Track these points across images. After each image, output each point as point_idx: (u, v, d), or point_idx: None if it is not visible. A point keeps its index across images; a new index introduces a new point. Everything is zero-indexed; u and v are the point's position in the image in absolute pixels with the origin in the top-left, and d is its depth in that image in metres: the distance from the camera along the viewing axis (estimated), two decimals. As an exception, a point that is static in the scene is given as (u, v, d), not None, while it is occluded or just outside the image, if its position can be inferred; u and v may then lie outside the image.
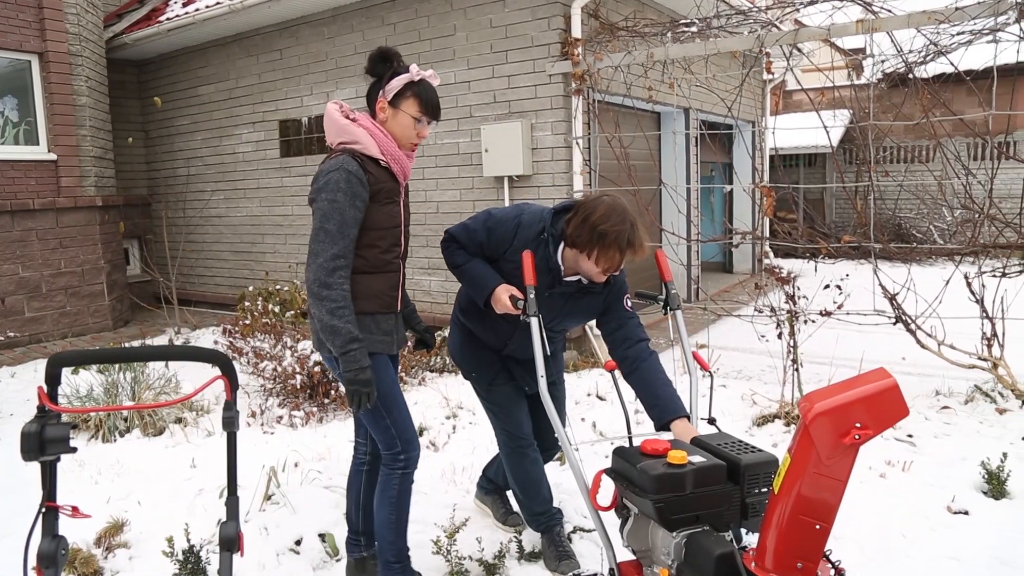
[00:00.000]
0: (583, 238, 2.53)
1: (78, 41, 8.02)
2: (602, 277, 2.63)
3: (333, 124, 2.62)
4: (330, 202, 2.45)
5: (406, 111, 2.62)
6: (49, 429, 1.67)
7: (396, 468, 2.69)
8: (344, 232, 2.46)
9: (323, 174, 2.51)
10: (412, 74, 2.62)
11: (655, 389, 2.59)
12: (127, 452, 4.35)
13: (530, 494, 3.10)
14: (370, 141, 2.57)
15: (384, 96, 2.62)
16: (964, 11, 4.62)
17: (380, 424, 2.65)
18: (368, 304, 2.61)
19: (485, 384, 3.05)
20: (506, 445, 3.08)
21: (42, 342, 7.73)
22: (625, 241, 2.49)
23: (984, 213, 4.78)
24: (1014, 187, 4.88)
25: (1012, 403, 4.56)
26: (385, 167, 2.62)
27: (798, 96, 15.15)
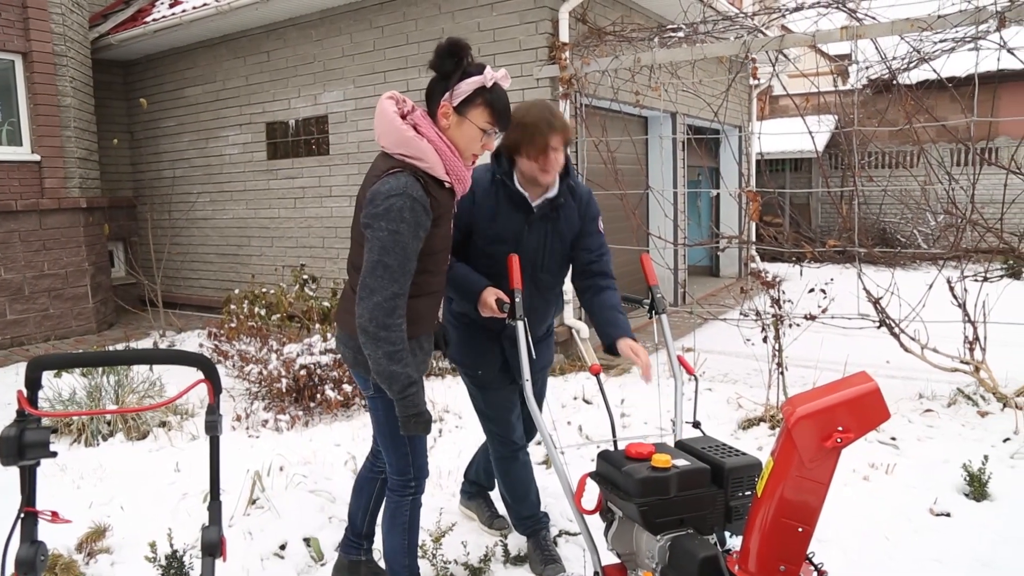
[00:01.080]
0: (513, 138, 2.61)
1: (63, 41, 7.97)
2: (547, 174, 2.66)
3: (392, 130, 2.27)
4: (392, 233, 2.17)
5: (474, 121, 2.30)
6: (28, 433, 1.65)
7: (407, 495, 2.59)
8: (405, 268, 2.21)
9: (382, 196, 2.19)
10: (485, 77, 2.27)
11: (608, 315, 2.77)
12: (110, 456, 4.32)
13: (519, 498, 3.10)
14: (436, 160, 2.26)
15: (450, 100, 2.28)
16: (946, 19, 4.67)
17: (400, 451, 2.53)
18: (415, 329, 2.41)
19: (485, 384, 2.98)
20: (498, 450, 3.06)
21: (24, 345, 7.66)
22: (546, 124, 2.56)
23: (966, 218, 4.83)
24: (996, 193, 4.93)
25: (993, 406, 4.60)
26: (448, 188, 2.35)
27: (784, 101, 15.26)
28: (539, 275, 2.84)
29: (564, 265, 2.95)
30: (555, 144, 2.60)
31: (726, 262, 11.70)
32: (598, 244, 2.91)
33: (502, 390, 2.99)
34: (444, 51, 2.26)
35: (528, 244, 2.77)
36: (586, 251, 2.88)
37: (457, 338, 2.96)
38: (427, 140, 2.25)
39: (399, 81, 7.27)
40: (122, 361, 1.90)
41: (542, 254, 2.82)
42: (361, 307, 2.21)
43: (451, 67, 2.27)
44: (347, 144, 7.85)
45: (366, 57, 7.46)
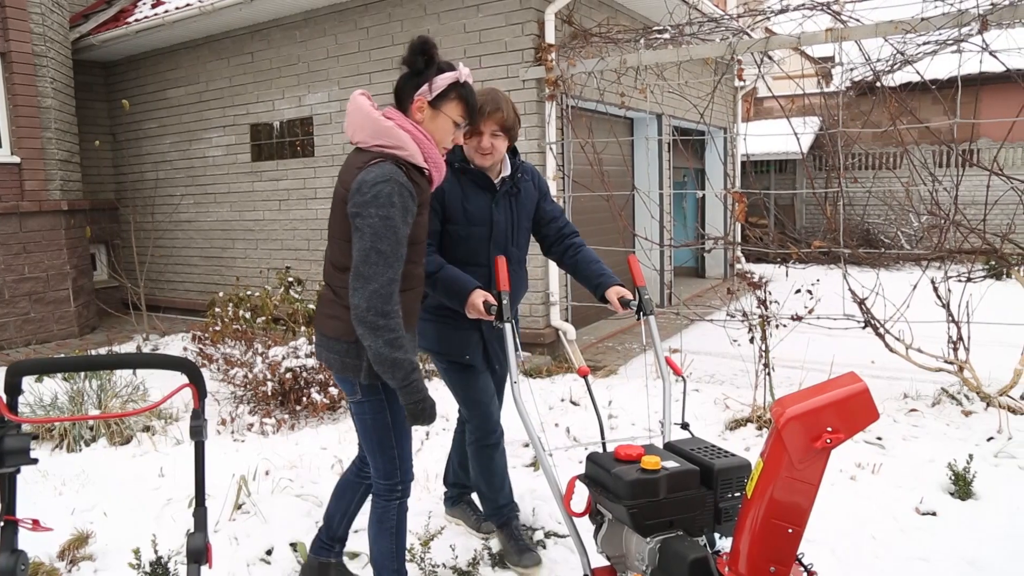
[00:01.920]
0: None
1: (43, 41, 7.88)
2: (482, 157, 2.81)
3: (369, 122, 2.31)
4: (383, 219, 2.18)
5: (448, 114, 2.37)
6: (8, 440, 1.62)
7: (393, 499, 2.57)
8: (398, 253, 2.22)
9: (369, 184, 2.21)
10: (460, 73, 2.37)
11: (595, 267, 2.97)
12: (93, 462, 4.26)
13: (495, 487, 3.14)
14: (415, 147, 2.32)
15: (427, 94, 2.34)
16: (930, 22, 4.71)
17: (387, 454, 2.51)
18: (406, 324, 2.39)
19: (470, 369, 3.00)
20: (479, 438, 3.08)
21: (4, 349, 7.56)
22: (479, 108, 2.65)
23: (950, 219, 4.87)
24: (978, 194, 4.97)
25: (977, 405, 4.63)
26: (427, 176, 2.41)
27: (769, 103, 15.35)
28: (510, 250, 2.96)
29: (528, 240, 3.11)
30: (485, 128, 2.74)
31: (712, 263, 11.75)
32: (559, 210, 3.15)
33: (484, 375, 3.05)
34: (416, 48, 2.32)
35: (498, 221, 2.90)
36: (552, 220, 3.09)
37: (435, 330, 2.98)
38: (406, 132, 2.31)
39: (384, 83, 7.24)
40: (105, 365, 1.87)
41: (511, 229, 2.96)
42: (357, 297, 2.19)
43: (423, 64, 2.34)
44: (332, 146, 7.81)
45: (351, 58, 7.43)
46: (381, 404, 2.46)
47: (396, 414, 2.46)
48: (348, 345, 2.36)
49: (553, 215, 3.10)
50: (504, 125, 2.76)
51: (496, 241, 2.89)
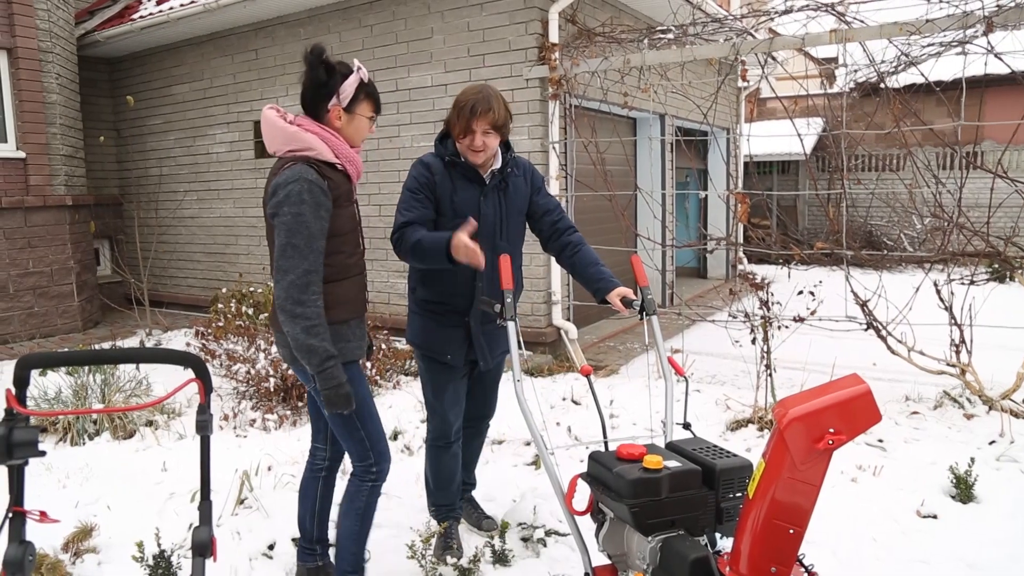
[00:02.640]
0: (449, 118, 2.90)
1: (48, 37, 7.89)
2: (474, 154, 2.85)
3: (278, 131, 2.48)
4: (294, 216, 2.34)
5: (362, 114, 2.56)
6: (17, 432, 1.63)
7: (367, 480, 2.65)
8: (312, 246, 2.36)
9: (281, 186, 2.38)
10: (362, 74, 2.54)
11: (594, 270, 2.95)
12: (96, 455, 4.28)
13: (442, 485, 3.22)
14: (323, 146, 2.47)
15: (340, 102, 2.50)
16: (934, 23, 4.71)
17: (355, 436, 2.60)
18: (342, 312, 2.55)
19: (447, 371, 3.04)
20: (436, 439, 3.16)
21: (8, 343, 7.58)
22: (470, 107, 2.78)
23: (953, 222, 4.87)
24: (982, 196, 4.97)
25: (979, 408, 4.64)
26: (341, 170, 2.55)
27: (772, 104, 15.34)
28: (498, 243, 2.97)
29: (520, 236, 3.13)
30: (477, 127, 2.81)
31: (714, 264, 11.74)
32: (554, 203, 3.15)
33: (457, 380, 3.08)
34: (315, 61, 2.47)
35: (486, 214, 2.93)
36: (547, 213, 3.10)
37: (421, 324, 3.05)
38: (312, 133, 2.46)
39: (388, 80, 7.25)
40: (112, 360, 1.89)
41: (499, 222, 2.98)
42: (277, 288, 2.36)
43: (324, 74, 2.48)
44: (336, 143, 7.81)
45: (355, 56, 7.43)
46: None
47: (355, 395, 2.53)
48: None
49: (546, 208, 3.11)
50: (495, 124, 2.82)
51: (483, 232, 2.91)
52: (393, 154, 7.36)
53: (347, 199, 2.55)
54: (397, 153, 7.33)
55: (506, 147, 3.01)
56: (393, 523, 3.42)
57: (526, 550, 3.21)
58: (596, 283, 2.91)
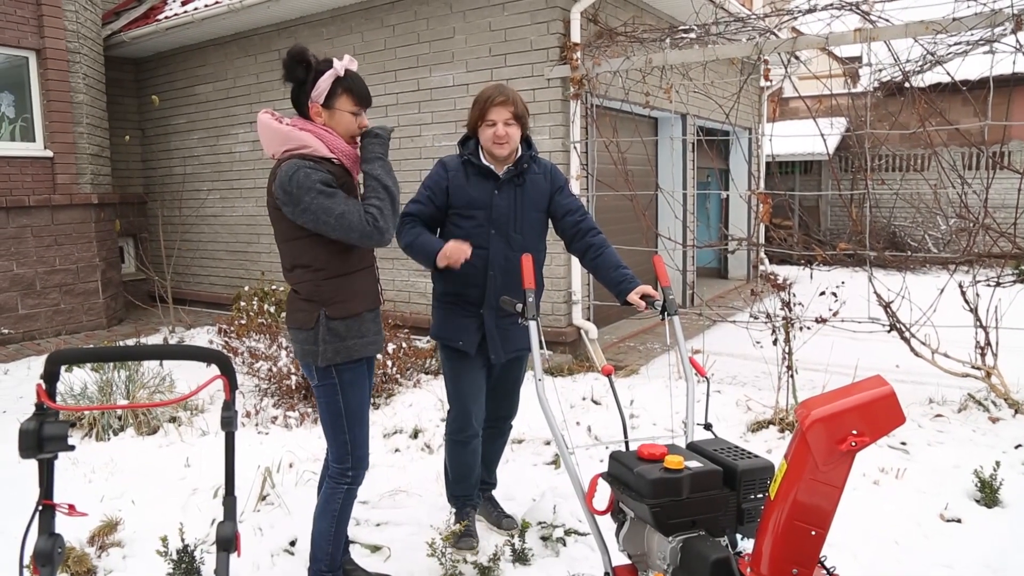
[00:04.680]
0: (471, 114, 2.99)
1: (76, 38, 8.01)
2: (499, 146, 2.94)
3: (273, 134, 2.52)
4: (316, 193, 2.39)
5: (342, 108, 2.56)
6: (48, 427, 1.66)
7: (343, 483, 2.68)
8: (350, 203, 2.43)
9: (287, 179, 2.41)
10: (337, 70, 2.53)
11: (616, 273, 2.96)
12: (121, 451, 4.34)
13: (460, 478, 3.29)
14: (318, 143, 2.50)
15: (315, 100, 2.53)
16: (961, 22, 4.65)
17: (339, 437, 2.65)
18: (357, 304, 2.60)
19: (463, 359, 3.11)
20: (455, 432, 3.22)
21: (36, 340, 7.70)
22: (486, 97, 2.92)
23: (979, 223, 4.81)
24: (1008, 197, 4.90)
25: (1005, 412, 4.58)
26: (339, 164, 2.57)
27: (795, 103, 15.21)
28: (512, 235, 3.04)
29: (539, 232, 3.17)
30: (494, 116, 2.91)
31: (735, 264, 11.67)
32: (576, 204, 3.18)
33: (475, 371, 3.14)
34: (291, 62, 2.53)
35: (499, 206, 3.01)
36: (568, 213, 3.13)
37: (441, 316, 3.14)
38: (306, 131, 2.51)
39: (409, 80, 7.28)
40: (140, 356, 1.91)
41: (513, 215, 3.04)
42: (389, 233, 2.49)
43: (303, 73, 2.54)
44: (358, 143, 7.85)
45: (377, 56, 7.47)
46: (335, 389, 2.60)
47: (349, 401, 2.60)
48: (307, 333, 2.56)
49: (568, 208, 3.14)
50: (516, 113, 2.92)
51: (496, 223, 3.01)
52: (415, 153, 7.38)
53: (349, 192, 2.58)
54: (419, 153, 7.36)
55: (527, 144, 3.08)
56: (414, 520, 3.44)
57: (546, 549, 3.22)
58: (618, 285, 2.92)
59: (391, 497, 3.74)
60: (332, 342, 2.55)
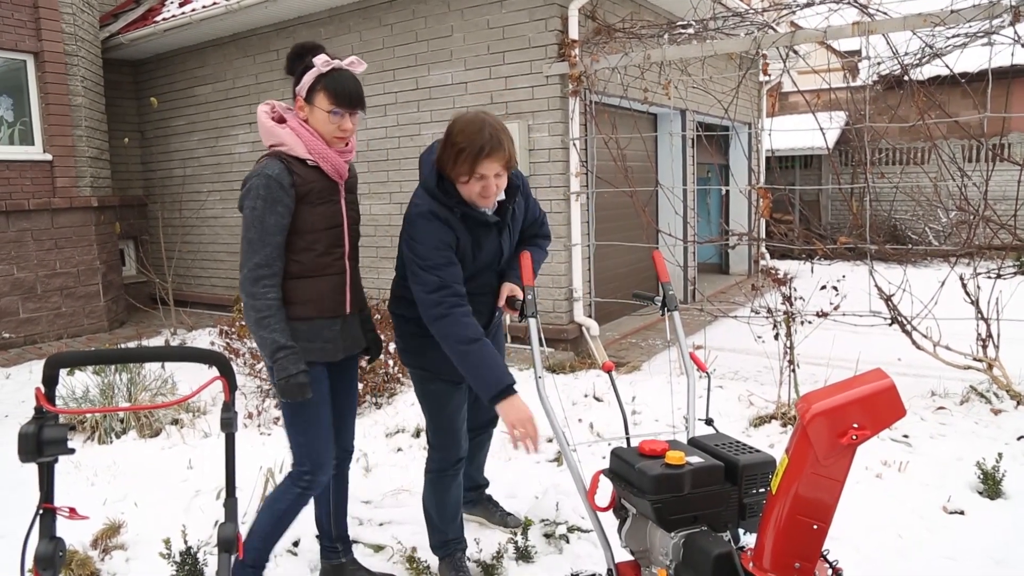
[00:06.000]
0: (445, 158, 2.49)
1: (74, 41, 8.01)
2: (487, 200, 2.52)
3: (262, 127, 2.56)
4: (251, 210, 2.42)
5: (319, 106, 2.51)
6: (47, 430, 1.66)
7: (297, 485, 2.62)
8: (265, 240, 2.42)
9: (246, 181, 2.47)
10: (319, 66, 2.48)
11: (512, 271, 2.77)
12: (123, 454, 4.34)
13: (449, 518, 2.96)
14: (295, 141, 2.50)
15: (300, 94, 2.54)
16: (959, 14, 4.63)
17: (296, 439, 2.62)
18: (306, 309, 2.55)
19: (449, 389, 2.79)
20: (440, 468, 2.89)
21: (37, 343, 7.71)
22: (477, 148, 2.40)
23: (979, 215, 4.80)
24: (1008, 189, 4.90)
25: (1007, 404, 4.57)
26: (314, 166, 2.54)
27: (794, 98, 15.19)
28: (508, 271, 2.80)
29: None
30: (486, 170, 2.44)
31: (736, 259, 11.67)
32: (540, 211, 2.94)
33: (461, 395, 2.84)
34: (291, 55, 2.55)
35: (505, 251, 2.75)
36: (533, 223, 2.90)
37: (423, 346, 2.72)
38: (289, 128, 2.51)
39: (408, 79, 7.28)
40: (139, 358, 1.91)
41: (511, 249, 2.81)
42: (240, 279, 2.47)
43: (297, 66, 2.54)
44: (357, 143, 7.84)
45: (375, 55, 7.47)
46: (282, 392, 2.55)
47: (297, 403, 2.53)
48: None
49: (532, 218, 2.87)
50: (508, 161, 2.49)
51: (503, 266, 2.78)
52: (414, 152, 7.38)
53: (321, 197, 2.55)
54: (418, 152, 7.34)
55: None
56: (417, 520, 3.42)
57: (549, 546, 3.22)
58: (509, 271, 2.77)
59: (394, 496, 3.74)
60: None
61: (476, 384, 2.45)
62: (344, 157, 2.63)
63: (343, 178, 2.64)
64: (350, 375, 2.88)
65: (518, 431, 2.40)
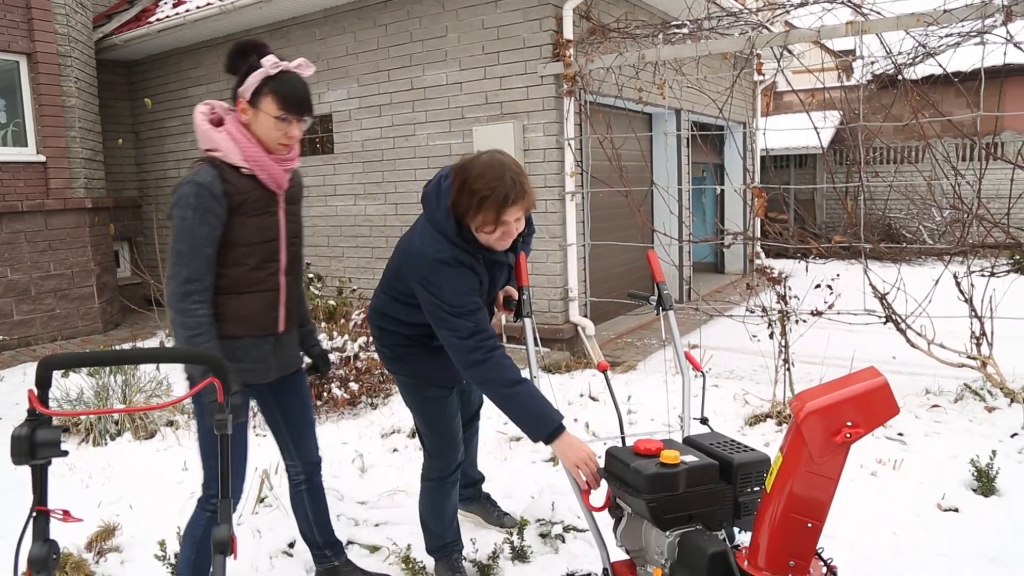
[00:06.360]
0: (464, 206, 2.34)
1: (67, 42, 7.98)
2: (505, 243, 2.45)
3: (198, 130, 2.38)
4: (180, 219, 2.26)
5: (265, 111, 2.33)
6: (40, 432, 1.65)
7: (206, 510, 2.49)
8: (196, 252, 2.27)
9: (177, 187, 2.31)
10: (267, 67, 2.31)
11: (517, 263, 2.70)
12: (118, 455, 4.33)
13: (447, 523, 2.94)
14: (231, 147, 2.33)
15: (243, 96, 2.35)
16: (952, 13, 4.65)
17: (208, 463, 2.47)
18: (235, 327, 2.39)
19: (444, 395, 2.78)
20: (441, 476, 2.87)
21: (31, 345, 7.68)
22: (502, 197, 2.29)
23: (972, 213, 4.82)
24: (1002, 187, 4.92)
25: (1001, 401, 4.59)
26: (250, 175, 2.37)
27: (789, 97, 15.23)
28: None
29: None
30: (510, 217, 2.35)
31: (731, 259, 11.69)
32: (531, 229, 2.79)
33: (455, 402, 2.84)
34: (234, 52, 2.37)
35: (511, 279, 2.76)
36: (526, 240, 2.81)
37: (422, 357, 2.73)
38: (225, 133, 2.34)
39: (403, 79, 7.27)
40: (133, 360, 1.90)
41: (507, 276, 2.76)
42: (166, 293, 2.33)
43: (240, 65, 2.35)
44: (351, 143, 7.85)
45: (370, 55, 7.46)
46: (202, 411, 2.42)
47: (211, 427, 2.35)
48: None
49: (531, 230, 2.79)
50: (529, 208, 2.42)
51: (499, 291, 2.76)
52: (409, 152, 7.38)
53: (256, 208, 2.38)
54: (413, 152, 7.35)
55: None
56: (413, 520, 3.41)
57: (545, 546, 3.22)
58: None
59: (390, 497, 3.74)
60: None
61: (525, 426, 2.33)
62: (285, 165, 2.45)
63: (282, 188, 2.47)
64: (299, 390, 2.74)
65: (583, 471, 2.26)
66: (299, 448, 2.78)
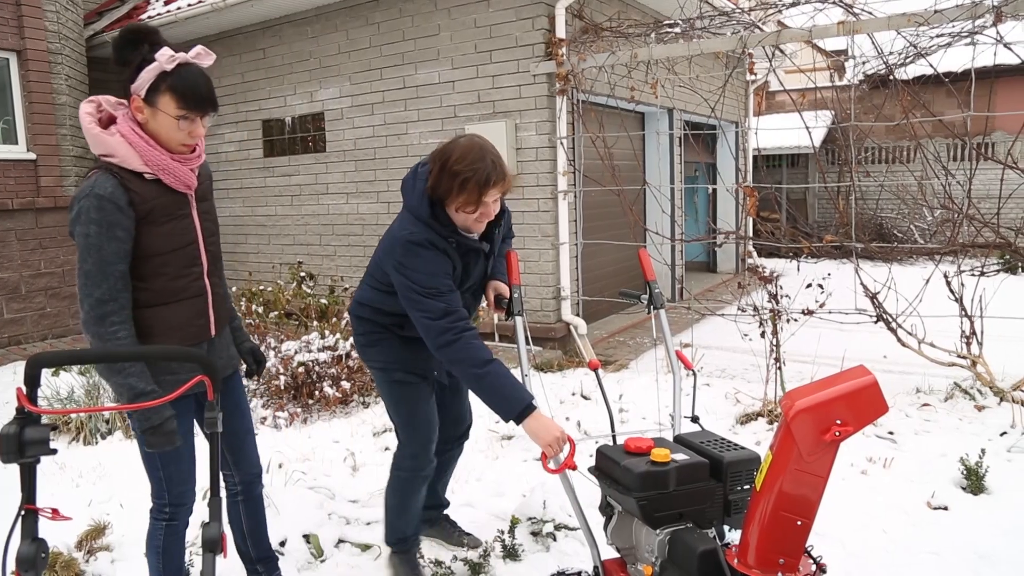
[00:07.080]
0: (444, 188, 2.36)
1: (58, 39, 7.94)
2: (481, 225, 2.50)
3: (87, 134, 2.12)
4: (83, 237, 2.04)
5: (164, 110, 2.12)
6: (28, 431, 1.65)
7: (161, 519, 2.39)
8: (105, 271, 2.06)
9: (74, 201, 2.07)
10: (162, 62, 2.08)
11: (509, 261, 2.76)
12: (109, 454, 4.31)
13: (412, 518, 2.93)
14: (128, 152, 2.10)
15: (136, 93, 2.12)
16: (943, 14, 4.68)
17: (154, 474, 2.35)
18: (166, 340, 2.22)
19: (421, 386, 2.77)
20: (413, 469, 2.83)
21: (22, 344, 7.64)
22: (482, 180, 2.32)
23: (963, 213, 4.84)
24: (992, 188, 4.94)
25: (990, 400, 4.61)
26: (153, 180, 2.16)
27: (781, 97, 15.26)
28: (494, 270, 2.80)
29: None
30: (490, 198, 2.39)
31: (723, 258, 11.71)
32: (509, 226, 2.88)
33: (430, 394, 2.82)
34: (121, 42, 2.12)
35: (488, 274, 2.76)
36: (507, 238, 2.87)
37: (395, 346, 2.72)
38: (120, 134, 2.11)
39: (395, 78, 7.26)
40: (122, 358, 1.90)
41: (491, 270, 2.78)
42: (81, 317, 2.10)
43: (131, 57, 2.12)
44: (344, 141, 7.84)
45: (362, 54, 7.45)
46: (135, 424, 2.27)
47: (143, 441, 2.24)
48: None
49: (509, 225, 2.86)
50: (507, 190, 2.47)
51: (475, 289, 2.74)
52: (401, 151, 7.37)
53: (168, 213, 2.19)
54: (405, 151, 7.34)
55: None
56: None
57: (536, 544, 3.22)
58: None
59: (381, 495, 3.72)
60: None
61: (496, 407, 2.33)
62: (190, 164, 2.27)
63: (192, 188, 2.29)
64: (235, 395, 2.58)
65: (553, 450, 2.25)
66: (236, 457, 2.60)
